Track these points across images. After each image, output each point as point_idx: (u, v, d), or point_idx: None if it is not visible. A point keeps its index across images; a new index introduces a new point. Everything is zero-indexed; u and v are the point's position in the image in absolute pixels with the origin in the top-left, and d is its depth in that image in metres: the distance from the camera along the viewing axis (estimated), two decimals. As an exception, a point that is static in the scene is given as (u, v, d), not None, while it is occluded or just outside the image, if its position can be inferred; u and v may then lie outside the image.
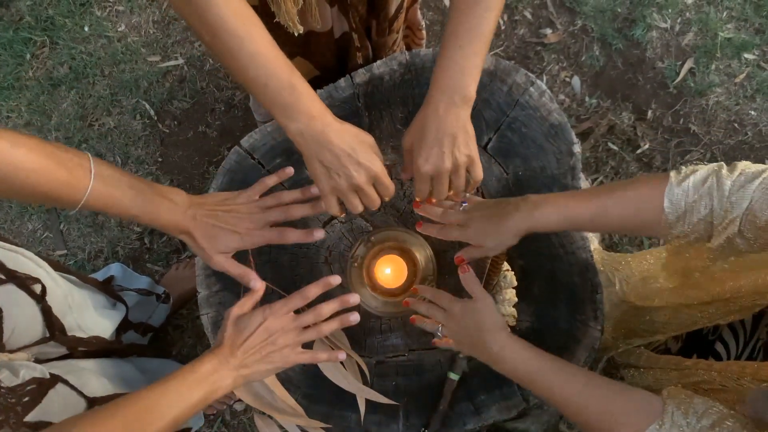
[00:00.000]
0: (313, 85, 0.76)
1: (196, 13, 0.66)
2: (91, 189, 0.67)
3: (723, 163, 0.68)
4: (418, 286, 0.90)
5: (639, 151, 1.57)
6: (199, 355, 1.43)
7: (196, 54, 1.66)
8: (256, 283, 0.80)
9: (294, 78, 0.69)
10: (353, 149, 0.71)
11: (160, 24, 1.68)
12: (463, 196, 0.85)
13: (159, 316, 1.37)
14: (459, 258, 0.85)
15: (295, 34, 0.82)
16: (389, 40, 1.08)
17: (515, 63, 0.99)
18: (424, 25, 1.33)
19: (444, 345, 0.87)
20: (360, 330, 0.94)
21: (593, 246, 1.01)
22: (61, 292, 0.99)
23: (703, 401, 0.62)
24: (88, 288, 1.13)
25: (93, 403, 0.95)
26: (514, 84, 0.97)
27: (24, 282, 0.89)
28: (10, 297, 0.87)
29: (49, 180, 0.64)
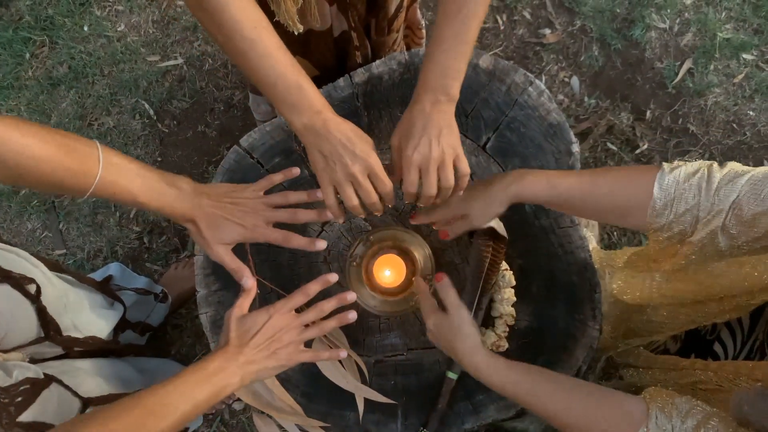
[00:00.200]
0: (313, 84, 0.79)
1: (209, 17, 0.70)
2: (100, 177, 0.68)
3: (715, 161, 0.68)
4: (416, 280, 0.90)
5: (638, 151, 1.57)
6: (198, 354, 1.46)
7: (195, 54, 1.66)
8: (248, 281, 0.80)
9: (301, 78, 0.74)
10: (350, 140, 0.75)
11: (159, 24, 1.68)
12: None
13: (157, 316, 1.37)
14: (444, 233, 0.84)
15: (295, 33, 0.82)
16: (389, 39, 1.08)
17: (514, 63, 0.99)
18: (424, 24, 1.33)
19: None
20: (359, 329, 0.94)
21: (591, 246, 1.01)
22: (57, 292, 0.99)
23: (685, 400, 0.62)
24: (85, 288, 1.13)
25: (87, 403, 0.95)
26: (513, 84, 0.97)
27: (18, 282, 0.89)
28: (4, 297, 0.87)
29: (59, 169, 0.65)
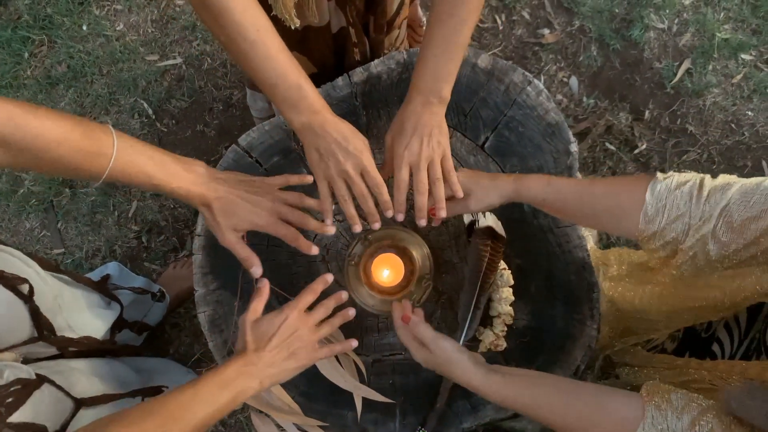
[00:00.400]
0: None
1: (213, 19, 0.72)
2: (115, 159, 0.68)
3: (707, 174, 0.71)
4: (393, 306, 0.86)
5: (636, 151, 1.57)
6: (196, 353, 1.46)
7: (194, 53, 1.66)
8: (257, 270, 0.81)
9: (301, 79, 0.76)
10: (345, 138, 0.78)
11: (158, 23, 1.68)
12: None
13: (155, 315, 1.37)
14: (432, 210, 0.84)
15: (292, 28, 0.82)
16: (390, 37, 1.08)
17: (513, 63, 0.99)
18: (425, 22, 1.33)
19: None
20: (357, 328, 0.94)
21: (589, 245, 1.02)
22: (51, 291, 0.99)
23: (682, 395, 0.62)
24: (81, 287, 1.13)
25: (80, 404, 0.94)
26: (512, 83, 0.97)
27: (11, 282, 0.89)
28: None
29: (75, 151, 0.65)
